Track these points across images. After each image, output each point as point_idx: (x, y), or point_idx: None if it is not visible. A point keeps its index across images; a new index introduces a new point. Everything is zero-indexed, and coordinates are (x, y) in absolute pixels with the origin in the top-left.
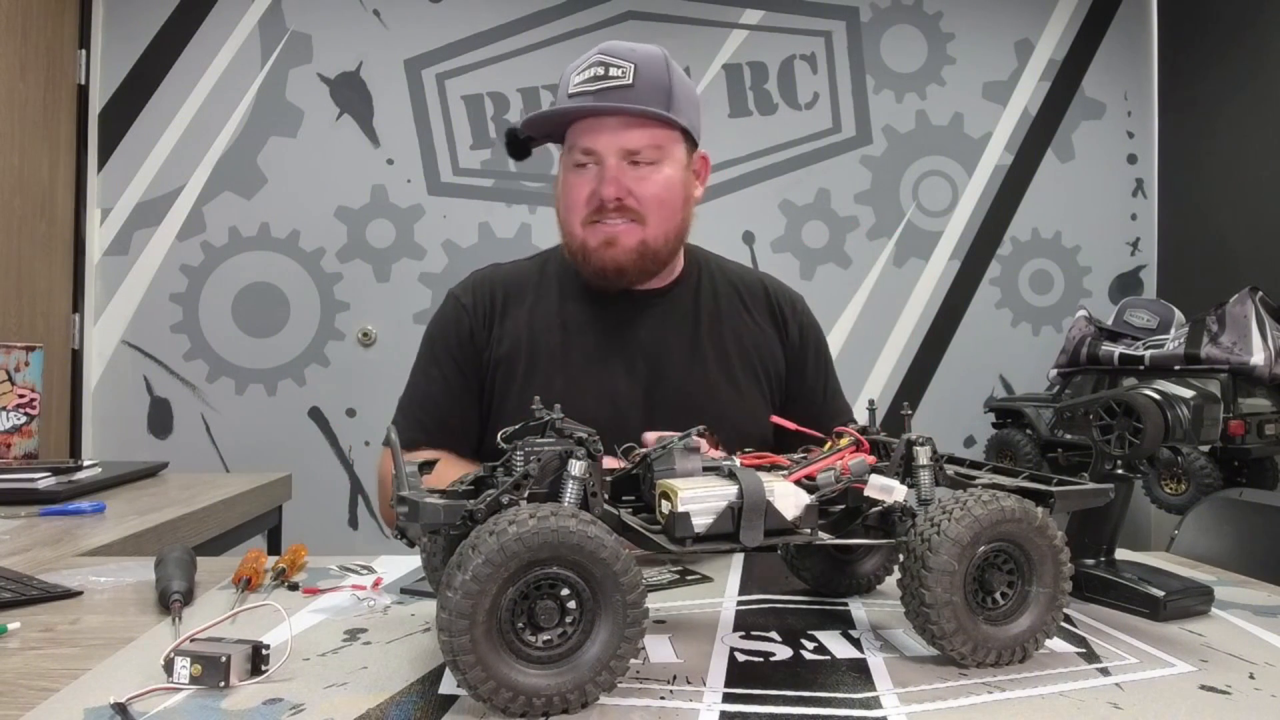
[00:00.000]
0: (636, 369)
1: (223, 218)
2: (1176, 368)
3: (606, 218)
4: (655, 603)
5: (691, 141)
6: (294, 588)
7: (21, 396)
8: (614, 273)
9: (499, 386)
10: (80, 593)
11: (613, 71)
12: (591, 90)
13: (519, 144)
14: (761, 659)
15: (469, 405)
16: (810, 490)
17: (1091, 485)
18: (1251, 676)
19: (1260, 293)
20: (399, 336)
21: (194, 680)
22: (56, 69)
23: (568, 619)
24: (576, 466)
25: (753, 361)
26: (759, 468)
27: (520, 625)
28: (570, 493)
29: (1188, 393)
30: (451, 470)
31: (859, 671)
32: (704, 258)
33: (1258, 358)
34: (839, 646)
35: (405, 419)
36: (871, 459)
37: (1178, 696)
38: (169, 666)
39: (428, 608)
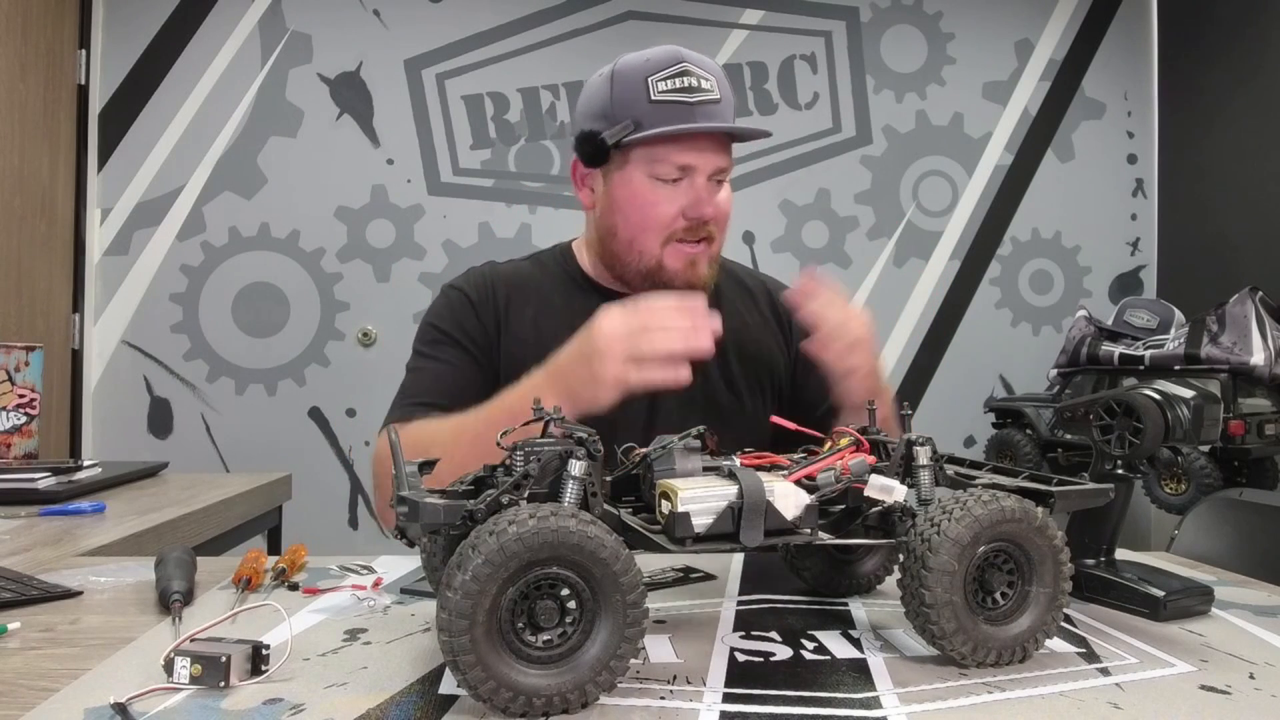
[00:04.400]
0: None
1: (223, 218)
2: (1176, 368)
3: (691, 236)
4: (655, 603)
5: None
6: (294, 588)
7: (21, 396)
8: (700, 290)
9: (507, 385)
10: (80, 593)
11: (704, 84)
12: (689, 102)
13: (601, 150)
14: (761, 659)
15: (484, 390)
16: (810, 490)
17: (1091, 485)
18: (1251, 676)
19: (1260, 293)
20: (399, 336)
21: (194, 680)
22: (56, 69)
23: (568, 619)
24: (576, 466)
25: (754, 367)
26: (759, 468)
27: (520, 625)
28: (570, 493)
29: (1188, 393)
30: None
31: (859, 671)
32: None
33: (1258, 358)
34: (839, 646)
35: (413, 399)
36: (871, 459)
37: (1178, 696)
38: (169, 666)
39: (428, 608)
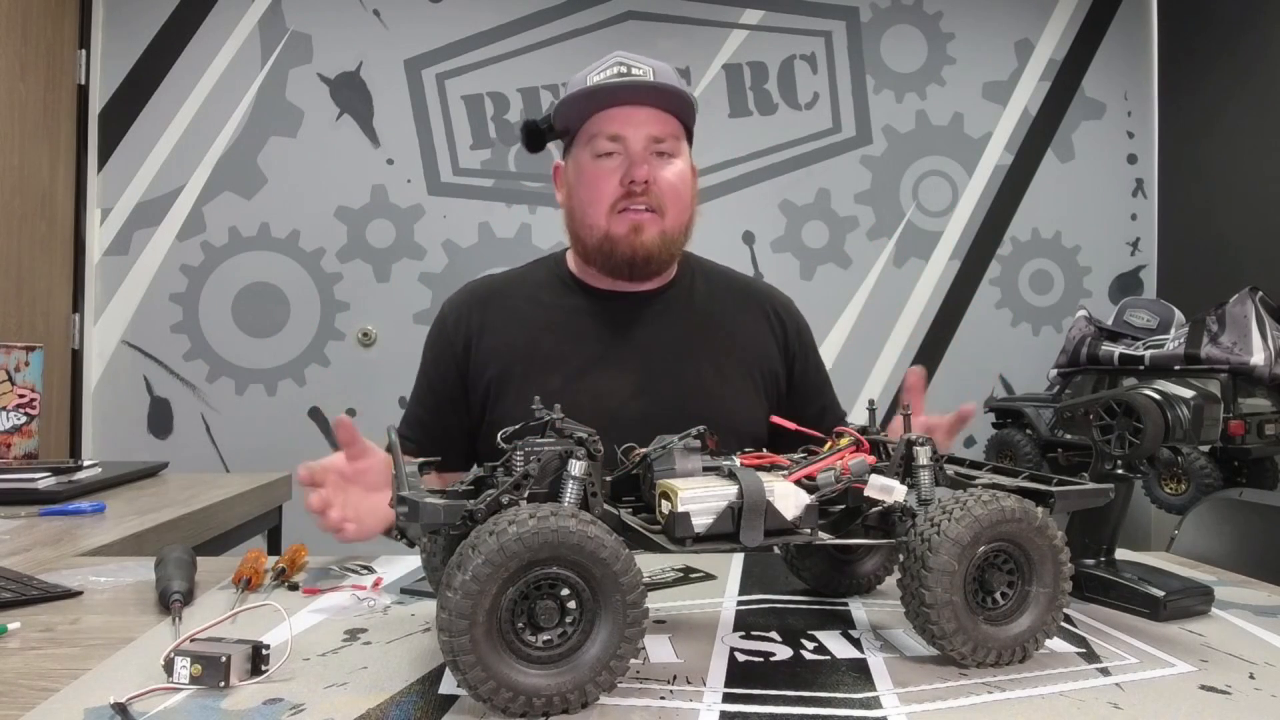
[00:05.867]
0: (631, 369)
1: (223, 218)
2: (1176, 368)
3: (633, 204)
4: (655, 602)
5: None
6: (294, 588)
7: (21, 396)
8: (643, 259)
9: (496, 389)
10: (80, 593)
11: (635, 70)
12: (619, 84)
13: (536, 134)
14: (761, 659)
15: (449, 416)
16: (810, 490)
17: (1091, 485)
18: (1251, 676)
19: (1260, 293)
20: (399, 336)
21: (194, 680)
22: (56, 69)
23: (568, 619)
24: (576, 466)
25: (745, 359)
26: (759, 468)
27: (520, 625)
28: (570, 493)
29: (1188, 393)
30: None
31: (859, 671)
32: (696, 262)
33: (1258, 358)
34: (839, 646)
35: (402, 426)
36: (871, 459)
37: (1178, 696)
38: (169, 666)
39: (428, 608)
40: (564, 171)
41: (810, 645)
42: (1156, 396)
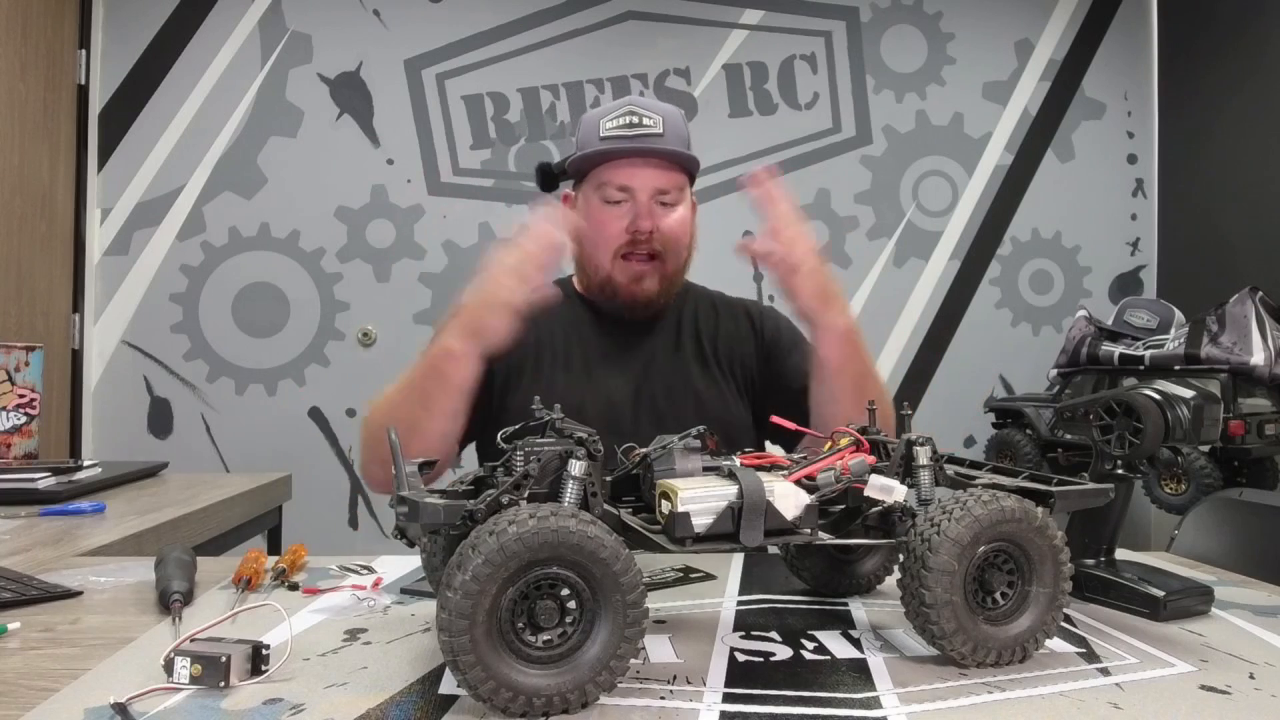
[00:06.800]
0: (629, 371)
1: (223, 218)
2: (1176, 368)
3: (636, 252)
4: (655, 603)
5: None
6: (294, 588)
7: (21, 396)
8: (644, 305)
9: (501, 386)
10: (80, 593)
11: (645, 121)
12: (629, 135)
13: (550, 177)
14: (761, 659)
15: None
16: (810, 490)
17: (1091, 485)
18: (1251, 676)
19: (1260, 293)
20: (399, 336)
21: (194, 680)
22: (56, 69)
23: (568, 619)
24: (576, 466)
25: (727, 360)
26: (759, 468)
27: (520, 625)
28: (570, 493)
29: (1188, 393)
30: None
31: (859, 671)
32: (690, 287)
33: (1258, 358)
34: (839, 646)
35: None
36: (871, 459)
37: (1178, 696)
38: (169, 666)
39: (428, 608)
40: (574, 204)
41: (810, 645)
42: (1156, 396)
